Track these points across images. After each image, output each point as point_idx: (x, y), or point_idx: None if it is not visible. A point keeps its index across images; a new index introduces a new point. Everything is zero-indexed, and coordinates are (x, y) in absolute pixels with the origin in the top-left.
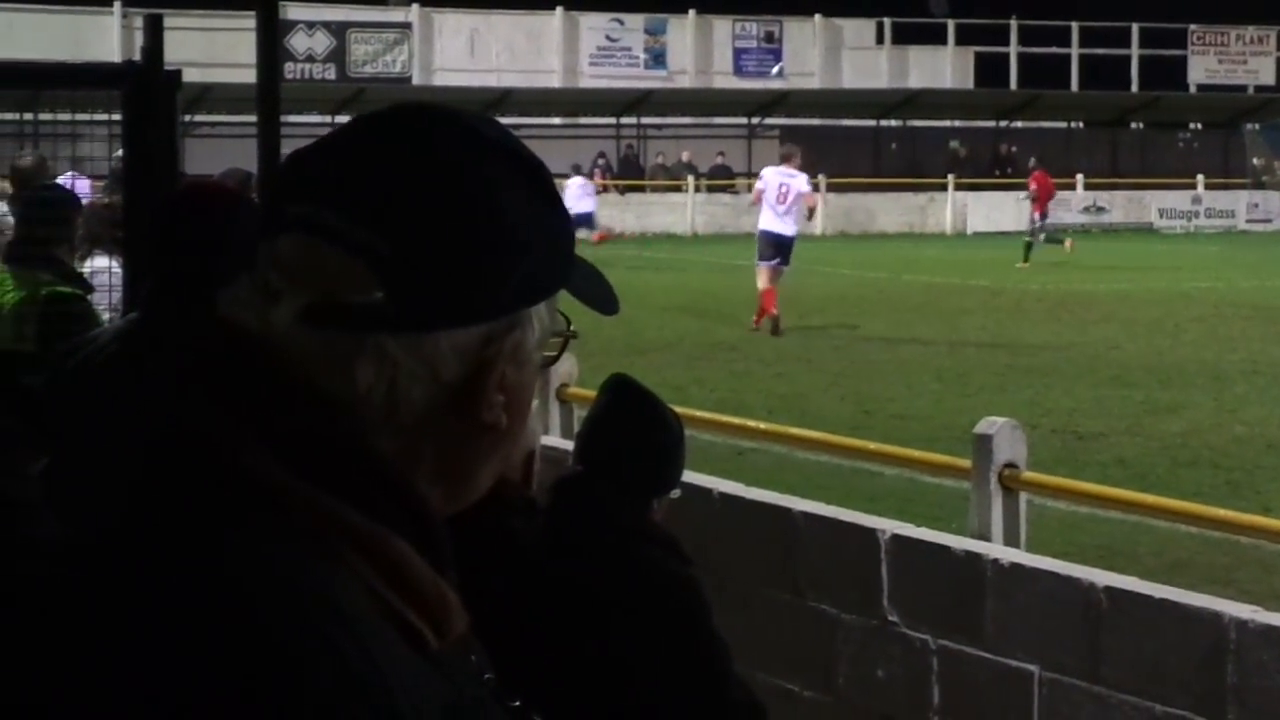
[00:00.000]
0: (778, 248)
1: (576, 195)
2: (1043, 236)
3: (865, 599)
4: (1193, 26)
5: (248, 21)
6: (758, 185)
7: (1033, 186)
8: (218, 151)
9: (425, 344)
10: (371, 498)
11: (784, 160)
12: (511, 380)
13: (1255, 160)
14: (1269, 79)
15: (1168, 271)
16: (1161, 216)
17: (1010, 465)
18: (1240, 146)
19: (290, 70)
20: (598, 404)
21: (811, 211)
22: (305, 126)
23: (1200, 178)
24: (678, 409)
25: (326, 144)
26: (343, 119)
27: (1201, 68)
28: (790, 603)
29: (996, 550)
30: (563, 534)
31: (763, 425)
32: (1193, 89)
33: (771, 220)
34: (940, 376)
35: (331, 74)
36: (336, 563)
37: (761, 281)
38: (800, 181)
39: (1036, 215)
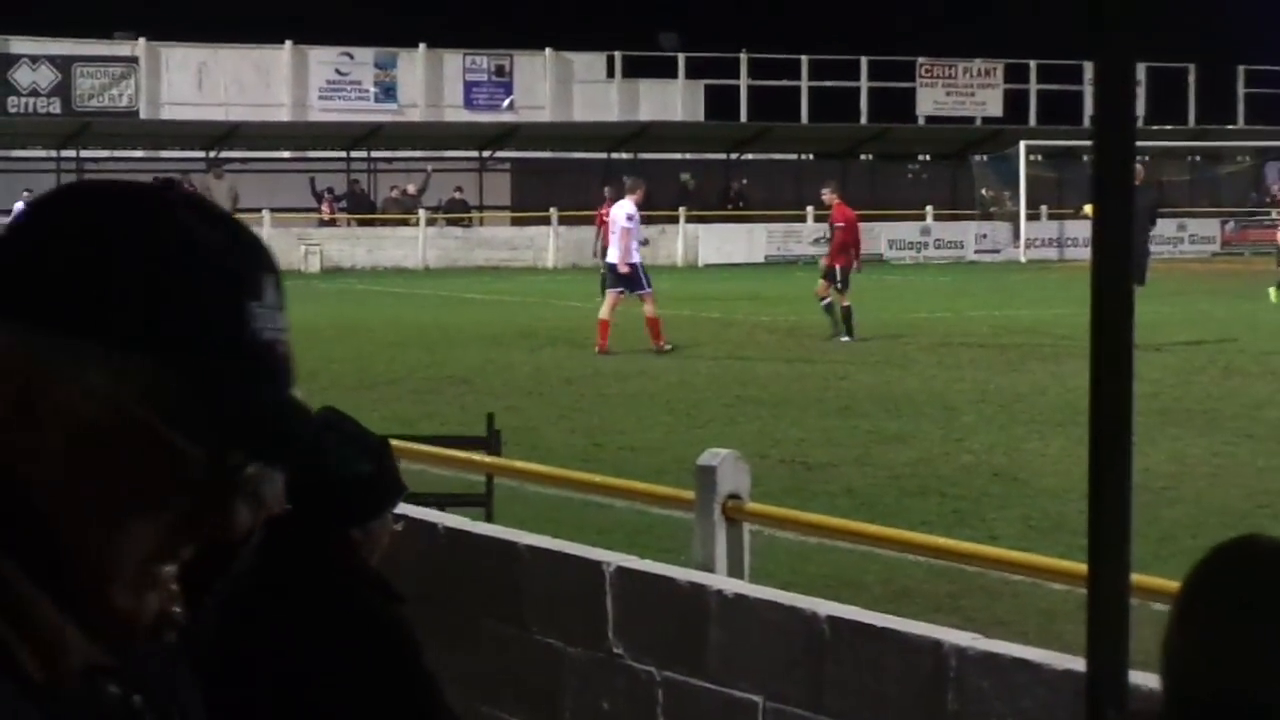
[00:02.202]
0: (616, 278)
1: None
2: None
3: (591, 631)
4: (921, 59)
5: None
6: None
7: (839, 223)
8: None
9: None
10: None
11: (628, 193)
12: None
13: (983, 191)
14: (996, 111)
15: (897, 302)
16: (891, 247)
17: (734, 496)
18: (968, 178)
19: (14, 105)
20: None
21: (644, 242)
22: (30, 161)
23: (929, 209)
24: (405, 442)
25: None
26: (68, 154)
27: (930, 100)
28: (517, 636)
29: (720, 581)
30: (268, 572)
31: (490, 459)
32: (921, 121)
33: (611, 252)
34: (671, 409)
35: (57, 108)
36: None
37: (603, 311)
38: (619, 213)
39: (836, 266)
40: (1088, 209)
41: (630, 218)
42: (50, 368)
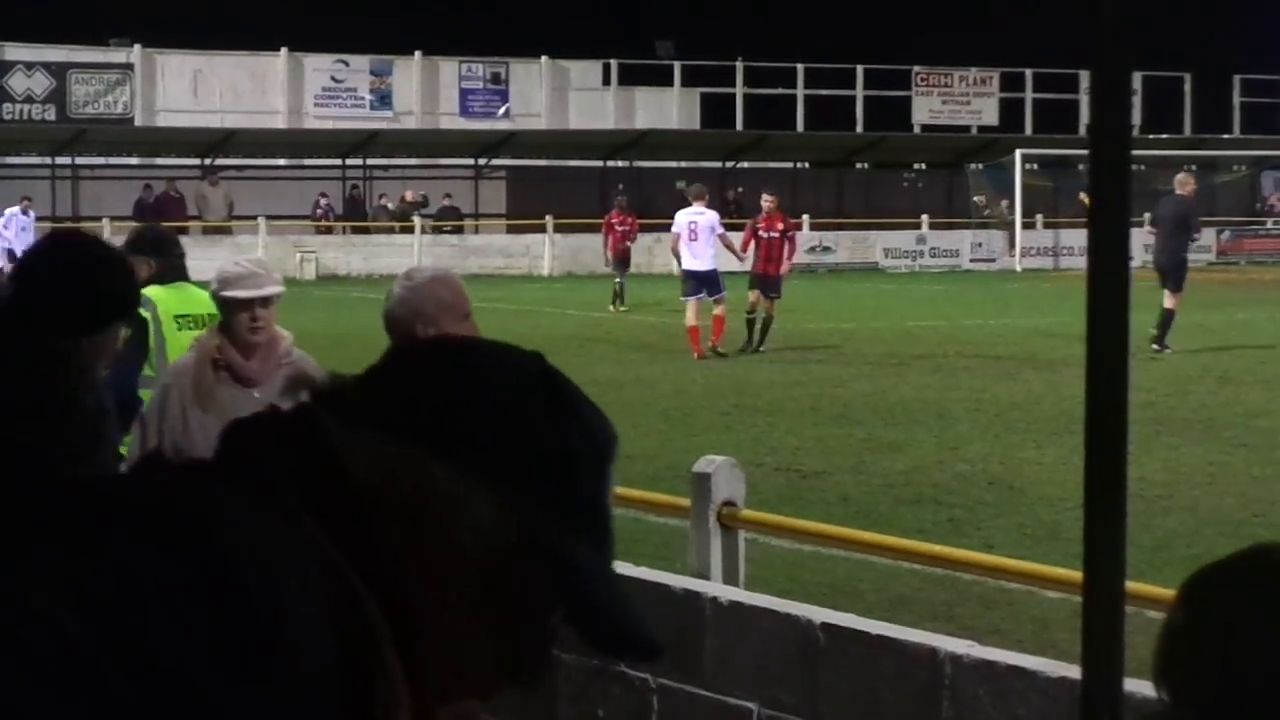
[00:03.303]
0: (699, 282)
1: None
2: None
3: None
4: (916, 68)
5: None
6: (673, 230)
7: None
8: None
9: None
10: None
11: (695, 200)
12: None
13: (976, 199)
14: (991, 120)
15: (893, 310)
16: (887, 256)
17: (729, 503)
18: (964, 186)
19: (9, 111)
20: None
21: (734, 249)
22: (24, 167)
23: (925, 218)
24: None
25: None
26: (62, 160)
27: (925, 109)
28: None
29: (715, 588)
30: None
31: None
32: (917, 129)
33: (688, 259)
34: (666, 416)
35: (52, 115)
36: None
37: (689, 318)
38: (708, 218)
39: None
40: (1083, 196)
41: (714, 223)
42: (449, 495)
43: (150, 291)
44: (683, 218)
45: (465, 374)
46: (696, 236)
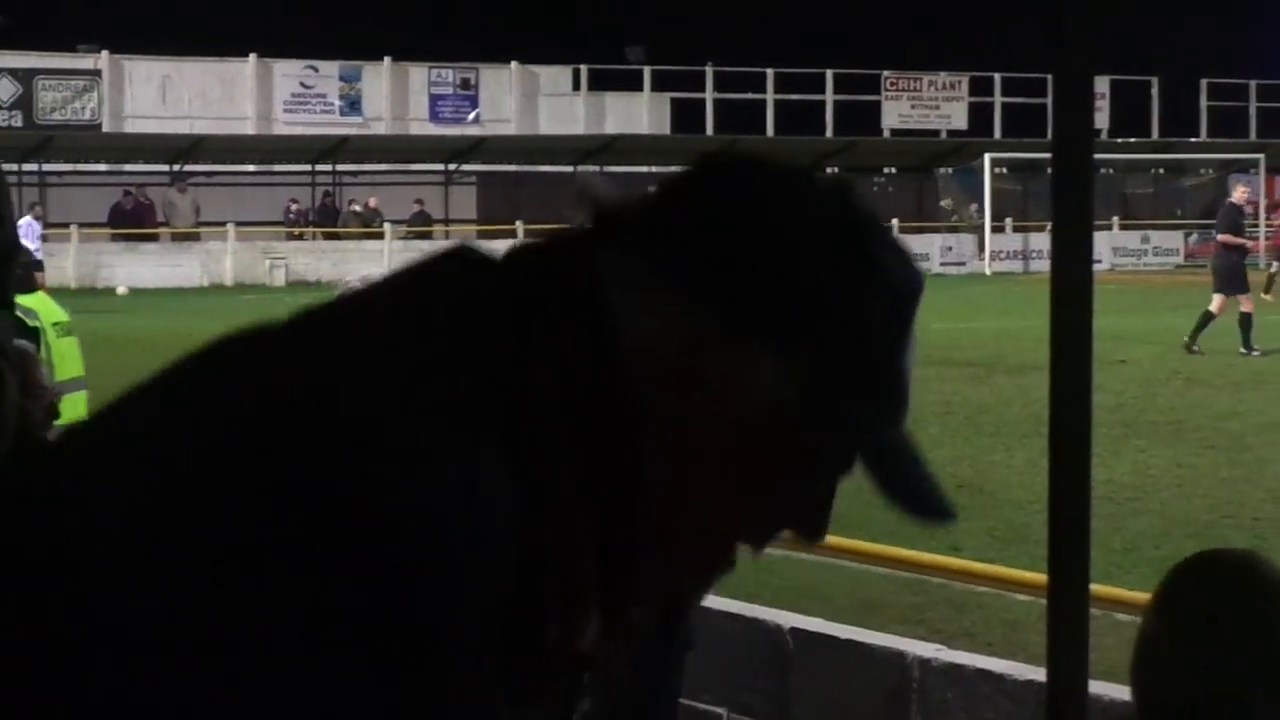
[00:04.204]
0: None
1: None
2: None
3: None
4: (886, 73)
5: None
6: None
7: None
8: None
9: None
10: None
11: None
12: None
13: (944, 203)
14: (961, 124)
15: None
16: None
17: None
18: (934, 190)
19: None
20: None
21: None
22: None
23: (895, 222)
24: None
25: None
26: (30, 167)
27: (895, 113)
28: None
29: None
30: None
31: None
32: (887, 134)
33: None
34: None
35: (19, 121)
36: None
37: None
38: None
39: None
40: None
41: None
42: (726, 353)
43: (28, 301)
44: None
45: (760, 212)
46: None
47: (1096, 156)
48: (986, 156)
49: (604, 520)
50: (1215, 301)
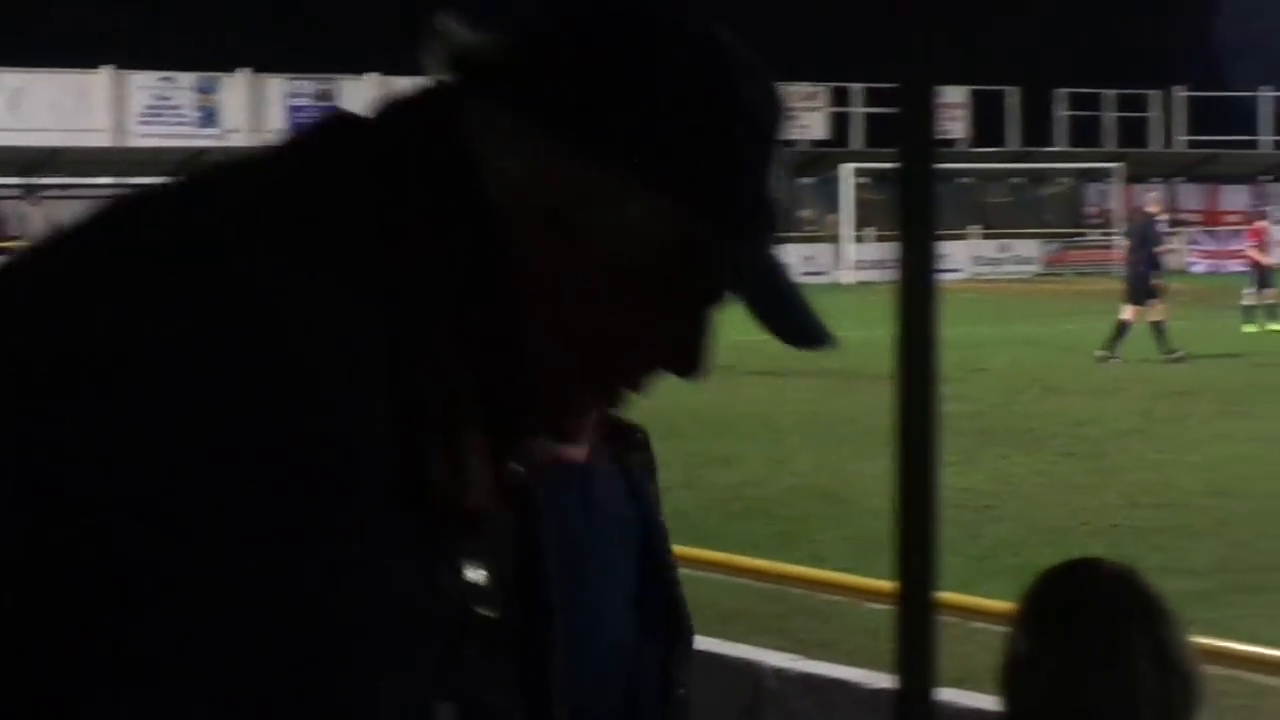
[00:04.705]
0: None
1: None
2: None
3: None
4: None
5: None
6: None
7: None
8: None
9: None
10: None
11: None
12: None
13: (805, 213)
14: (820, 134)
15: (721, 323)
16: None
17: None
18: (795, 201)
19: None
20: None
21: None
22: None
23: None
24: None
25: None
26: None
27: None
28: None
29: None
30: None
31: None
32: None
33: None
34: None
35: None
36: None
37: None
38: None
39: None
40: None
41: None
42: (596, 193)
43: None
44: None
45: (624, 52)
46: None
47: (956, 166)
48: (845, 166)
49: (481, 365)
50: (1128, 310)
